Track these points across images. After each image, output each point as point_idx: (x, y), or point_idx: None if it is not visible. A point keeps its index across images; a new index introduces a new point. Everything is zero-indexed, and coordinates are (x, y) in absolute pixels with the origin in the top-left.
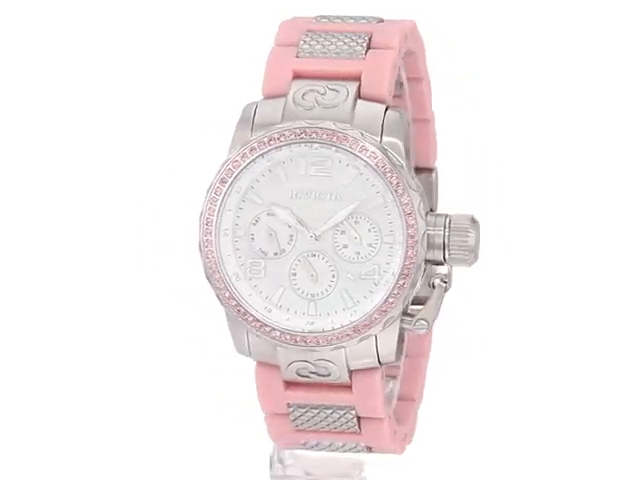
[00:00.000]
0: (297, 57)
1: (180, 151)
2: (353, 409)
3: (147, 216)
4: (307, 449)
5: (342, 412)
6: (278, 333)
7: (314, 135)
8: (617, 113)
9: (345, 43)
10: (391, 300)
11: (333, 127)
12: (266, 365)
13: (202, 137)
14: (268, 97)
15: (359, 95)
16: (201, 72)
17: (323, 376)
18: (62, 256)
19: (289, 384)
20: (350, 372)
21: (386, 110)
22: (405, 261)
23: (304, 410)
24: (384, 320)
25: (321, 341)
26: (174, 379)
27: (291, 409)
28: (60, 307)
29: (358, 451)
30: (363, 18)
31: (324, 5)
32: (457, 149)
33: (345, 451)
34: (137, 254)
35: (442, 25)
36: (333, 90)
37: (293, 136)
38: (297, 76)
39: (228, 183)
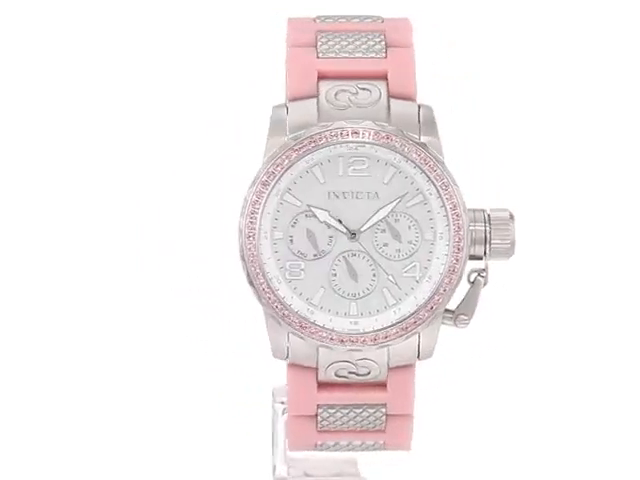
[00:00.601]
0: (318, 58)
1: (180, 153)
2: (384, 407)
3: (151, 217)
4: (320, 450)
5: (372, 410)
6: (324, 334)
7: (355, 135)
8: (617, 113)
9: (363, 42)
10: (437, 297)
11: (375, 126)
12: (299, 367)
13: (199, 137)
14: (295, 99)
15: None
16: (199, 72)
17: (362, 375)
18: (63, 257)
19: (322, 385)
20: (388, 370)
21: (419, 108)
22: (451, 257)
23: (333, 411)
24: (432, 317)
25: (368, 340)
26: (173, 379)
27: (320, 410)
28: (61, 307)
29: (375, 449)
30: (366, 17)
31: (322, 5)
32: (457, 149)
33: (361, 450)
34: (139, 255)
35: (442, 25)
36: (364, 90)
37: (334, 137)
38: (322, 77)
39: (270, 186)
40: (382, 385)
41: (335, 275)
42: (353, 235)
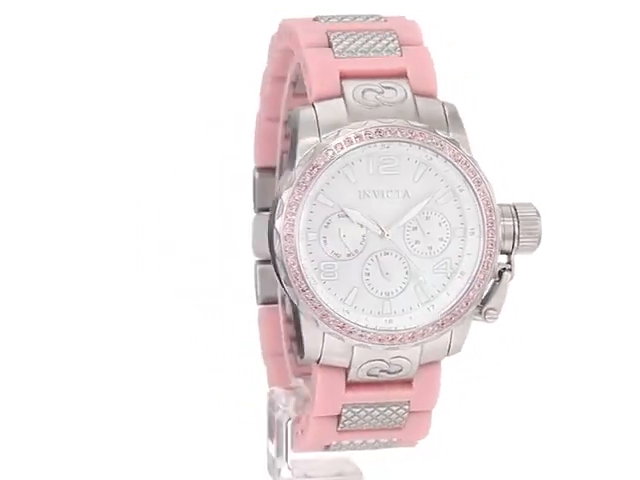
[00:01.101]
0: (335, 58)
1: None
2: (407, 404)
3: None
4: (331, 450)
5: (396, 408)
6: (362, 333)
7: (388, 134)
8: (617, 113)
9: (376, 41)
10: (472, 293)
11: (408, 124)
12: (329, 368)
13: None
14: (321, 99)
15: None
16: (200, 72)
17: (393, 373)
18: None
19: (350, 385)
20: (419, 367)
21: (443, 106)
22: (485, 253)
23: (358, 410)
24: (467, 313)
25: (405, 339)
26: (173, 380)
27: (345, 410)
28: (57, 306)
29: (385, 447)
30: (368, 17)
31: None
32: None
33: (371, 448)
34: (137, 254)
35: (442, 25)
36: (389, 88)
37: (370, 136)
38: (344, 76)
39: (308, 188)
40: (408, 382)
41: (368, 275)
42: (385, 234)
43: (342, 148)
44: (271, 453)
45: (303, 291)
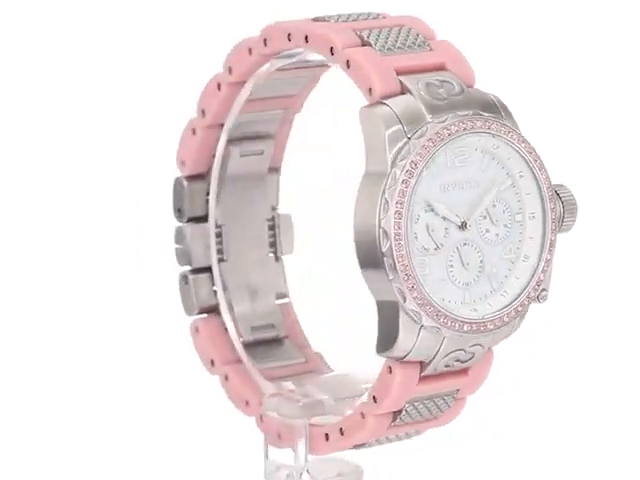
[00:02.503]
0: (381, 55)
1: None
2: (456, 392)
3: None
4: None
5: (447, 397)
6: (460, 324)
7: (470, 126)
8: (618, 113)
9: (405, 37)
10: (542, 275)
11: (484, 116)
12: (408, 364)
13: None
14: (385, 97)
15: None
16: (199, 72)
17: (464, 362)
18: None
19: (422, 379)
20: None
21: (491, 95)
22: (548, 235)
23: (417, 404)
24: (539, 295)
25: (490, 325)
26: (172, 382)
27: (407, 405)
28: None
29: (407, 438)
30: (369, 14)
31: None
32: None
33: (396, 440)
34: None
35: (442, 24)
36: (445, 82)
37: (457, 129)
38: (398, 73)
39: (410, 186)
40: (464, 371)
41: (452, 266)
42: (464, 225)
43: (434, 144)
44: (275, 461)
45: (413, 288)
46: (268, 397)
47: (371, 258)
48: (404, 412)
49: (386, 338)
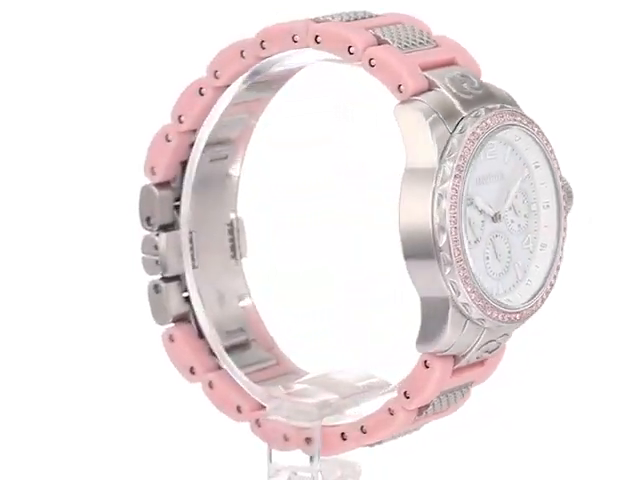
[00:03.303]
0: (403, 53)
1: None
2: (472, 383)
3: None
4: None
5: (465, 389)
6: (503, 314)
7: (502, 119)
8: (619, 115)
9: (412, 34)
10: (559, 263)
11: (507, 109)
12: (445, 357)
13: None
14: (416, 93)
15: None
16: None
17: (491, 352)
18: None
19: (453, 371)
20: None
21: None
22: (562, 223)
23: (443, 397)
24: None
25: (526, 315)
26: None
27: (435, 398)
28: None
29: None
30: (364, 13)
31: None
32: None
33: (404, 435)
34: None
35: (442, 24)
36: (465, 76)
37: (494, 122)
38: (422, 69)
39: (462, 181)
40: (483, 360)
41: (488, 258)
42: (497, 217)
43: (478, 138)
44: (277, 464)
45: (467, 282)
46: (274, 401)
47: (424, 253)
48: (430, 406)
49: (431, 334)
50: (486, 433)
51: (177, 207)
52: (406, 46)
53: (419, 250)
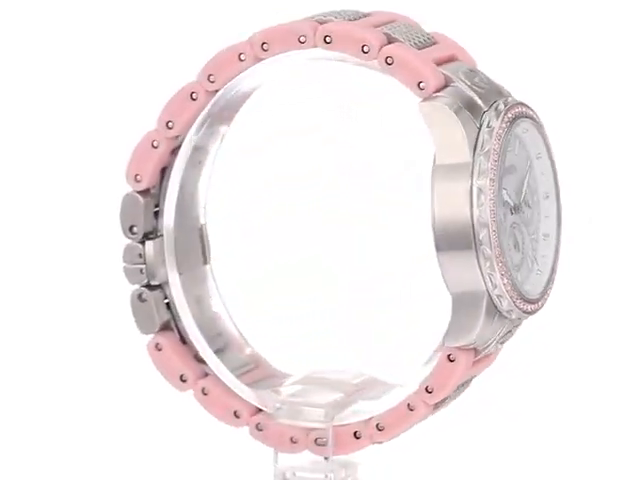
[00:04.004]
0: (418, 49)
1: None
2: (473, 377)
3: None
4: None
5: (469, 381)
6: (527, 305)
7: (519, 110)
8: (621, 118)
9: (414, 32)
10: (559, 250)
11: (519, 101)
12: (468, 350)
13: None
14: (437, 89)
15: None
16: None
17: (503, 343)
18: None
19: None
20: None
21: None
22: (560, 212)
23: (457, 389)
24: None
25: (541, 304)
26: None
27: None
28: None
29: None
30: (357, 12)
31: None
32: None
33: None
34: None
35: (441, 24)
36: (473, 71)
37: (514, 114)
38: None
39: (498, 174)
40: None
41: (510, 250)
42: (517, 208)
43: (504, 131)
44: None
45: (504, 274)
46: (274, 403)
47: (462, 248)
48: (447, 398)
49: (462, 327)
50: (486, 433)
51: (156, 213)
52: (415, 43)
53: (456, 244)
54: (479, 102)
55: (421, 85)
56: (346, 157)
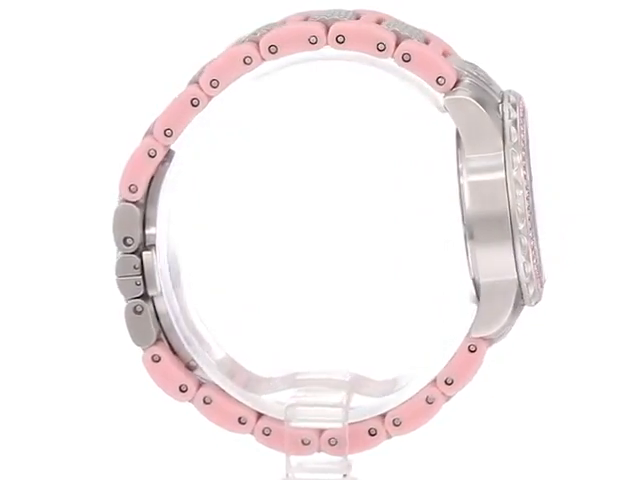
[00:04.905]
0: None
1: None
2: None
3: None
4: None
5: None
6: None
7: (521, 102)
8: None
9: (410, 28)
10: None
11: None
12: (486, 339)
13: None
14: (457, 82)
15: None
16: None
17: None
18: None
19: None
20: None
21: None
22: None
23: None
24: None
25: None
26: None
27: None
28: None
29: None
30: (347, 12)
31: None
32: None
33: None
34: None
35: (442, 24)
36: (472, 64)
37: (523, 107)
38: None
39: (528, 165)
40: None
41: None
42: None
43: (523, 123)
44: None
45: (535, 262)
46: (290, 407)
47: (500, 239)
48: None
49: (491, 317)
50: (486, 433)
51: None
52: (418, 39)
53: (493, 235)
54: (493, 94)
55: (439, 80)
56: (345, 157)
